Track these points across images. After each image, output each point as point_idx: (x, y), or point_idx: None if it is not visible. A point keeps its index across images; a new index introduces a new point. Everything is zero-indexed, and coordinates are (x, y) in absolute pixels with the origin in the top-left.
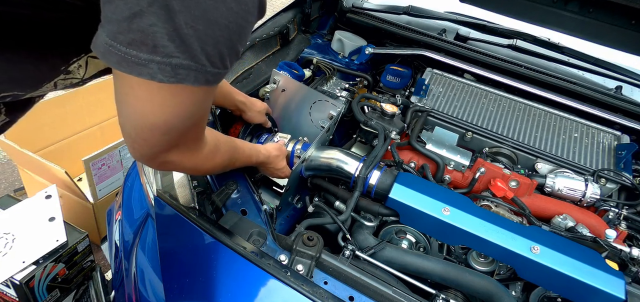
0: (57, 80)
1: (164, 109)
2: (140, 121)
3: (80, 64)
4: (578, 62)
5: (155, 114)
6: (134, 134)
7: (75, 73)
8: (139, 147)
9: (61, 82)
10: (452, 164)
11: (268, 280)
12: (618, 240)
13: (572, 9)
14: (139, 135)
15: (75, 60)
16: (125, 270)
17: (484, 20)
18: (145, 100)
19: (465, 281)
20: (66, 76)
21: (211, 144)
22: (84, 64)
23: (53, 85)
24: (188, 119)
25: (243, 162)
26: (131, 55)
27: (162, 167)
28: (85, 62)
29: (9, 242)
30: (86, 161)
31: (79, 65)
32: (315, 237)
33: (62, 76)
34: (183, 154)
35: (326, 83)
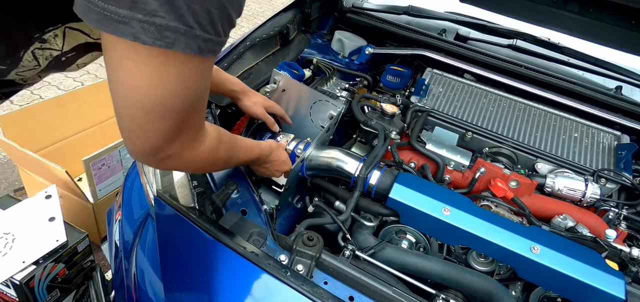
0: (34, 48)
1: (156, 83)
2: (132, 100)
3: (56, 33)
4: (578, 62)
5: (148, 90)
6: (129, 120)
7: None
8: (137, 139)
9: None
10: (452, 164)
11: (268, 280)
12: (618, 240)
13: (572, 9)
14: (134, 122)
15: (51, 29)
16: (125, 270)
17: (484, 20)
18: (134, 71)
19: (465, 281)
20: (43, 45)
21: (213, 134)
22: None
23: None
24: (185, 97)
25: (245, 156)
26: (110, 12)
27: (164, 163)
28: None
29: (9, 242)
30: (86, 161)
31: (54, 34)
32: (315, 237)
33: (38, 44)
34: (184, 147)
35: (326, 83)
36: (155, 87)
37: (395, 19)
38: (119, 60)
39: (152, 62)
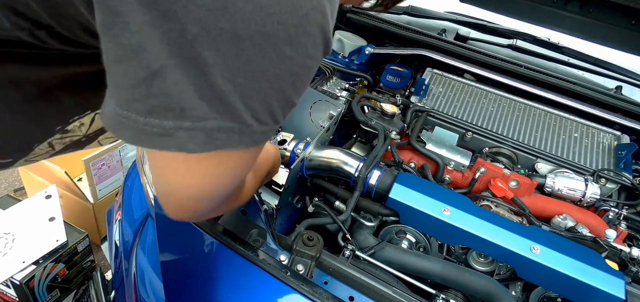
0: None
1: (208, 180)
2: (183, 193)
3: (82, 122)
4: (578, 62)
5: (199, 186)
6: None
7: (76, 131)
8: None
9: (58, 141)
10: (452, 164)
11: (268, 280)
12: (618, 240)
13: (572, 9)
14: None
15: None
16: (125, 270)
17: (484, 20)
18: (184, 173)
19: (465, 281)
20: (64, 135)
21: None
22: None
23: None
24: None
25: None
26: (152, 126)
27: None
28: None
29: (9, 242)
30: (86, 161)
31: (80, 122)
32: (315, 237)
33: (59, 136)
34: (228, 205)
35: (326, 83)
36: (208, 183)
37: (395, 19)
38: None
39: (205, 163)
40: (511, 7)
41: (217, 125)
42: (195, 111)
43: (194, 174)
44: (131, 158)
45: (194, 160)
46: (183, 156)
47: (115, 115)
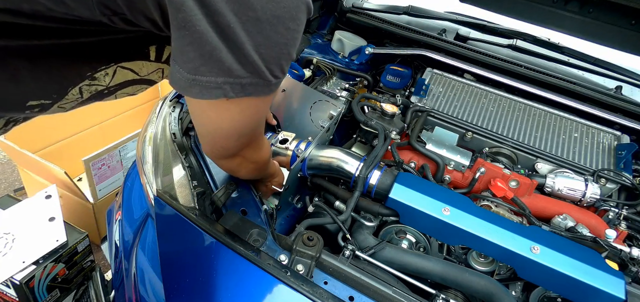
0: (82, 85)
1: (234, 122)
2: (216, 133)
3: (107, 72)
4: (578, 62)
5: (228, 127)
6: (212, 143)
7: (101, 80)
8: (218, 152)
9: (86, 88)
10: (452, 164)
11: (268, 280)
12: (618, 240)
13: (572, 9)
14: (217, 144)
15: (103, 68)
16: (125, 270)
17: (484, 20)
18: (216, 119)
19: (465, 281)
20: (91, 82)
21: (265, 139)
22: (112, 72)
23: (78, 91)
24: (254, 123)
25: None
26: (210, 82)
27: (235, 164)
28: (114, 71)
29: (9, 242)
30: (86, 161)
31: (105, 73)
32: (315, 237)
33: (88, 82)
34: (252, 150)
35: (326, 83)
36: (234, 126)
37: (395, 19)
38: (203, 112)
39: (231, 110)
40: (511, 7)
41: (249, 81)
42: (235, 72)
43: (226, 118)
44: (131, 158)
45: (224, 108)
46: (223, 103)
47: (186, 79)
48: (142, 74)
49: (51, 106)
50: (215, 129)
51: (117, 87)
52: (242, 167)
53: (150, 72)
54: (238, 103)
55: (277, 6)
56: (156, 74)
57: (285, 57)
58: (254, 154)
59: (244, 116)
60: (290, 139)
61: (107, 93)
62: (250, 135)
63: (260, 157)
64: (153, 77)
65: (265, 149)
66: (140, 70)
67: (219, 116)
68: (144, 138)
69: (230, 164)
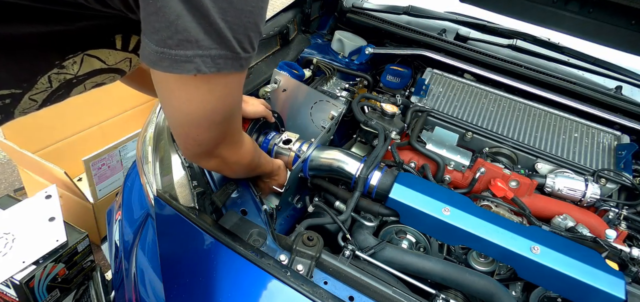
0: (51, 73)
1: (204, 104)
2: (185, 120)
3: (75, 60)
4: (578, 62)
5: (197, 110)
6: (184, 134)
7: (69, 69)
8: (190, 146)
9: (55, 76)
10: (452, 164)
11: (268, 280)
12: (618, 240)
13: (572, 9)
14: (188, 135)
15: (71, 56)
16: (125, 270)
17: (484, 20)
18: (185, 99)
19: (465, 281)
20: (60, 71)
21: (249, 140)
22: (79, 60)
23: (47, 80)
24: (226, 108)
25: (265, 166)
26: (180, 56)
27: (214, 164)
28: (81, 59)
29: (9, 242)
30: (86, 161)
31: (73, 61)
32: (315, 237)
33: (56, 70)
34: (229, 148)
35: (326, 83)
36: (204, 110)
37: (395, 19)
38: (171, 93)
39: (201, 88)
40: (511, 7)
41: (217, 53)
42: (203, 42)
43: (195, 99)
44: (131, 158)
45: (193, 86)
46: (192, 80)
47: (155, 53)
48: (110, 63)
49: (22, 96)
50: (186, 114)
51: (85, 76)
52: (224, 168)
53: (117, 61)
54: (207, 80)
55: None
56: (124, 63)
57: (253, 29)
58: (233, 154)
59: (214, 97)
60: (294, 139)
61: (75, 82)
62: (223, 125)
63: (241, 157)
64: (121, 66)
65: (245, 149)
66: (107, 59)
67: (189, 97)
68: (144, 138)
69: (209, 164)
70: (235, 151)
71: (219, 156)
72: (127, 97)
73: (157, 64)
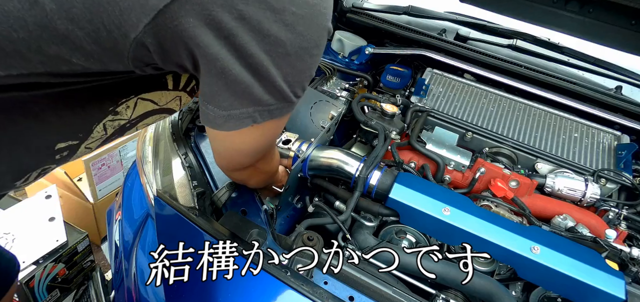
0: (106, 121)
1: (256, 142)
2: (236, 153)
3: (128, 105)
4: (578, 62)
5: (249, 147)
6: (230, 160)
7: (123, 114)
8: (233, 167)
9: (109, 123)
10: (452, 164)
11: (268, 280)
12: (618, 240)
13: (572, 9)
14: (234, 160)
15: (124, 101)
16: (125, 270)
17: (484, 20)
18: (240, 142)
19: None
20: (114, 117)
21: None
22: (133, 105)
23: (102, 128)
24: (272, 140)
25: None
26: (242, 114)
27: (247, 175)
28: (135, 103)
29: (8, 242)
30: (86, 161)
31: (127, 105)
32: (315, 237)
33: (111, 117)
34: (266, 161)
35: (326, 83)
36: (255, 146)
37: (395, 19)
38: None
39: (255, 133)
40: (511, 7)
41: (276, 106)
42: (265, 101)
43: (249, 141)
44: (131, 158)
45: (250, 132)
46: (249, 129)
47: (222, 116)
48: (162, 103)
49: (78, 147)
50: (237, 150)
51: (138, 119)
52: (253, 177)
53: (169, 101)
54: (262, 126)
55: (304, 39)
56: (174, 103)
57: (308, 79)
58: (266, 165)
59: (266, 137)
60: (293, 139)
61: (128, 127)
62: (266, 150)
63: (271, 167)
64: (172, 105)
65: (276, 159)
66: (159, 100)
67: (243, 140)
68: (144, 138)
69: (242, 174)
70: (269, 162)
71: (254, 167)
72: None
73: (222, 126)
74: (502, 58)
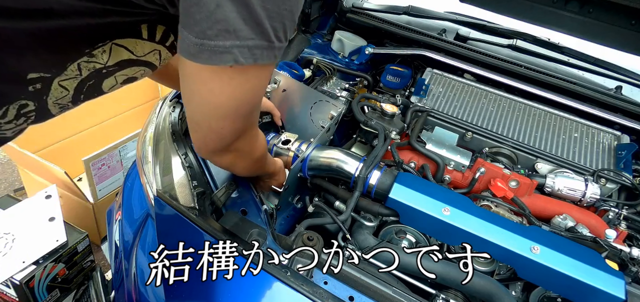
0: (81, 61)
1: (235, 95)
2: (213, 112)
3: (104, 49)
4: (578, 62)
5: (228, 102)
6: (207, 127)
7: (98, 57)
8: (211, 141)
9: (84, 64)
10: (452, 164)
11: (268, 280)
12: (618, 240)
13: (572, 9)
14: (211, 129)
15: (100, 45)
16: (125, 270)
17: (484, 20)
18: (218, 91)
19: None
20: (89, 59)
21: (260, 131)
22: (108, 49)
23: (77, 67)
24: (255, 100)
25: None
26: (218, 47)
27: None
28: (110, 49)
29: (9, 242)
30: (86, 161)
31: (103, 50)
32: (315, 237)
33: (86, 58)
34: (247, 140)
35: (326, 83)
36: (234, 102)
37: (395, 19)
38: (204, 85)
39: (235, 80)
40: (511, 7)
41: (255, 43)
42: (241, 32)
43: (227, 91)
44: (131, 158)
45: (227, 78)
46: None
47: (194, 45)
48: (138, 54)
49: (51, 81)
50: (215, 107)
51: (115, 67)
52: (237, 162)
53: (146, 52)
54: (243, 71)
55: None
56: (153, 56)
57: (289, 17)
58: (248, 146)
59: (246, 89)
60: (293, 139)
61: (105, 73)
62: (247, 117)
63: (256, 149)
64: (150, 58)
65: (260, 141)
66: (134, 49)
67: (221, 88)
68: (144, 138)
69: (224, 159)
70: (252, 143)
71: (236, 149)
72: (127, 97)
73: (196, 56)
74: (502, 58)
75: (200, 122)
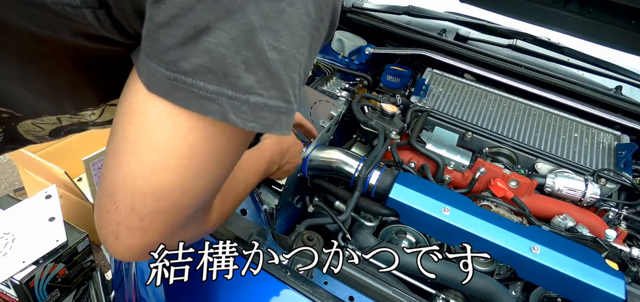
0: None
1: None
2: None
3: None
4: (578, 62)
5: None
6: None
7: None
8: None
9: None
10: (452, 164)
11: (268, 280)
12: (618, 240)
13: (572, 9)
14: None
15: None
16: (125, 270)
17: (484, 20)
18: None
19: None
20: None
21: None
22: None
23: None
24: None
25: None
26: (197, 87)
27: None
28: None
29: (9, 242)
30: (86, 161)
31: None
32: (315, 237)
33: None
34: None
35: (326, 83)
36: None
37: (395, 19)
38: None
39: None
40: (511, 7)
41: (264, 102)
42: (238, 81)
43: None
44: None
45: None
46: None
47: (166, 80)
48: None
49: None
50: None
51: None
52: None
53: None
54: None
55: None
56: None
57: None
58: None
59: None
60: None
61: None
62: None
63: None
64: None
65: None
66: None
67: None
68: None
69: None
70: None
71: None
72: None
73: (170, 94)
74: (502, 58)
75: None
